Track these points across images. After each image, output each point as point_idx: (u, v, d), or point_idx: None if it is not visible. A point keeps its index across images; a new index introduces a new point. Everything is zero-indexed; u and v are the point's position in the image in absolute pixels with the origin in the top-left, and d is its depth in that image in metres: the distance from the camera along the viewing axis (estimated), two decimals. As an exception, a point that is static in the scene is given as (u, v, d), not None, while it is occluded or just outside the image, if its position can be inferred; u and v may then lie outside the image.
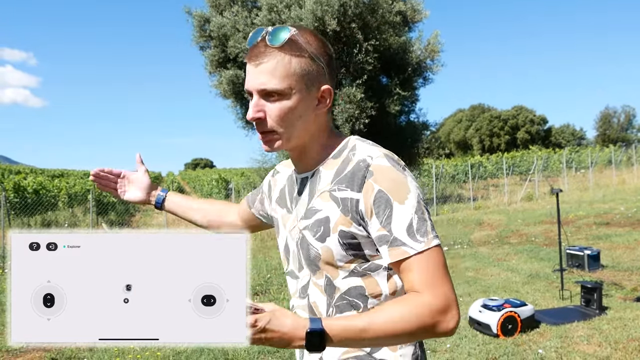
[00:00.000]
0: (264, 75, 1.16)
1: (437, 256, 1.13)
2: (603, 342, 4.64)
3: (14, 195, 17.38)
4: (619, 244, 9.47)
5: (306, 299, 1.29)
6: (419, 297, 1.09)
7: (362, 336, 1.06)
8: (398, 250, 1.12)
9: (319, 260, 1.21)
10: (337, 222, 1.18)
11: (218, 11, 17.93)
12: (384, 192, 1.13)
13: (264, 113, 1.19)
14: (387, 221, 1.13)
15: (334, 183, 1.21)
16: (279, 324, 1.03)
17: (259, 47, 1.17)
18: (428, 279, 1.10)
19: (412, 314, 1.07)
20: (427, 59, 18.62)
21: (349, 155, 1.24)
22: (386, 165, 1.16)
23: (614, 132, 70.32)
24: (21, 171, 41.59)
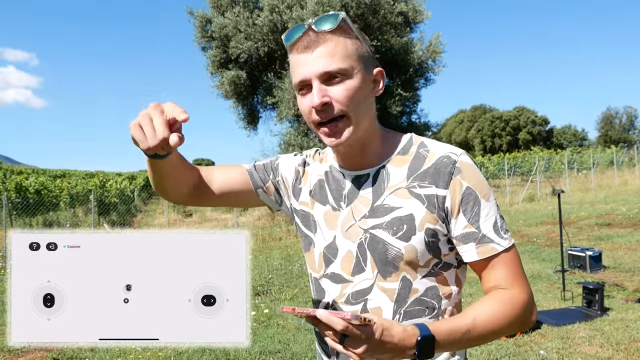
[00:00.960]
0: (324, 58, 1.11)
1: (517, 252, 1.17)
2: (605, 344, 4.62)
3: (15, 195, 17.40)
4: (620, 245, 9.45)
5: (361, 305, 1.21)
6: (510, 293, 1.13)
7: (466, 337, 1.07)
8: (487, 247, 1.13)
9: (400, 261, 1.16)
10: (424, 219, 1.15)
11: (220, 12, 17.95)
12: (472, 190, 1.13)
13: (329, 98, 1.12)
14: (474, 218, 1.13)
15: (412, 180, 1.18)
16: (390, 335, 1.00)
17: (309, 36, 1.13)
18: (515, 275, 1.14)
19: (510, 311, 1.10)
20: (429, 59, 18.61)
21: (420, 151, 1.21)
22: (470, 163, 1.16)
23: (616, 133, 70.23)
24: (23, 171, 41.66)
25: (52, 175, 42.42)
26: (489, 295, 1.15)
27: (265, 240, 13.41)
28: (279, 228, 15.04)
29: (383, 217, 1.18)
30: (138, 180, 33.14)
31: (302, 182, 1.38)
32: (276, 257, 10.34)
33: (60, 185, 21.86)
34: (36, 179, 23.84)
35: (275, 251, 11.39)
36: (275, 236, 13.97)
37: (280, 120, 17.50)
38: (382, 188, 1.21)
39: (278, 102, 16.81)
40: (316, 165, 1.38)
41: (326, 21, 1.13)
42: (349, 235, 1.23)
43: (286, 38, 1.17)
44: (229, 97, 18.30)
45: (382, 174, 1.22)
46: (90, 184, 21.76)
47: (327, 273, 1.27)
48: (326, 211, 1.29)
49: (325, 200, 1.31)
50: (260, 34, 16.67)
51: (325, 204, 1.30)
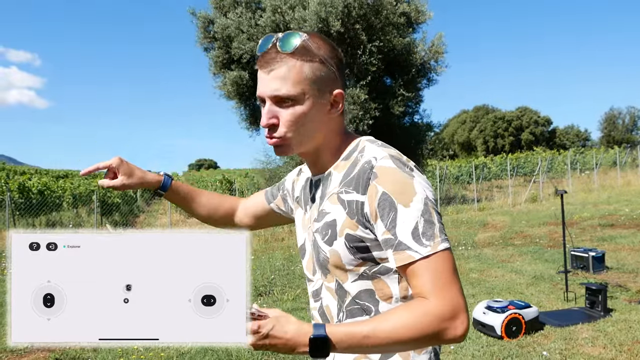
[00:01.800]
0: (276, 81, 1.15)
1: (445, 260, 1.09)
2: (608, 345, 4.61)
3: (18, 195, 17.43)
4: (623, 246, 9.43)
5: (319, 302, 1.29)
6: (425, 303, 1.06)
7: (365, 343, 1.04)
8: (403, 254, 1.09)
9: (328, 264, 1.21)
10: (344, 225, 1.17)
11: (222, 12, 17.96)
12: (388, 195, 1.11)
13: (277, 119, 1.18)
14: (391, 224, 1.10)
15: (342, 185, 1.20)
16: (283, 331, 1.02)
17: (270, 54, 1.17)
18: (435, 284, 1.06)
19: (418, 321, 1.04)
20: (431, 60, 18.60)
21: (357, 156, 1.22)
22: (391, 167, 1.14)
23: (619, 133, 70.08)
24: (26, 172, 41.74)
25: (55, 175, 42.48)
26: (404, 304, 1.12)
27: (267, 240, 13.42)
28: (281, 228, 15.04)
29: (320, 221, 1.24)
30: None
31: (295, 190, 1.48)
32: (278, 258, 10.35)
33: (63, 186, 21.91)
34: (39, 179, 23.90)
35: (277, 251, 11.40)
36: (278, 236, 13.98)
37: (283, 121, 17.49)
38: (324, 193, 1.26)
39: (280, 103, 16.80)
40: (307, 172, 1.42)
41: (287, 42, 1.16)
42: (308, 237, 1.31)
43: (257, 48, 1.22)
44: (232, 97, 18.32)
45: (327, 179, 1.27)
46: (93, 185, 21.79)
47: (304, 272, 1.37)
48: (300, 215, 1.39)
49: (302, 204, 1.40)
50: (263, 35, 16.65)
51: (302, 208, 1.39)
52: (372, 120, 16.18)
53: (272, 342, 1.02)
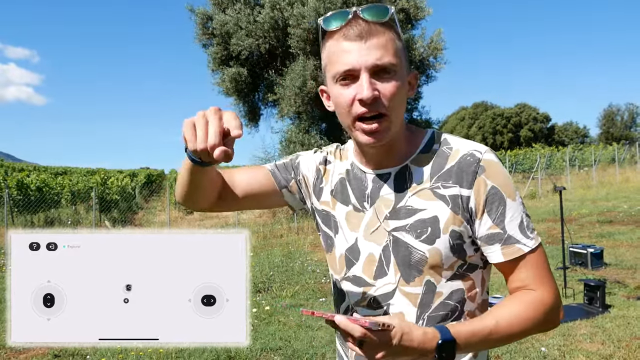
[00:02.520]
0: (376, 50, 1.05)
1: (544, 253, 1.13)
2: (606, 340, 4.62)
3: (17, 192, 17.41)
4: (622, 242, 9.44)
5: (382, 309, 1.19)
6: (536, 294, 1.10)
7: (488, 338, 1.05)
8: (513, 248, 1.10)
9: (424, 265, 1.12)
10: (448, 221, 1.11)
11: (220, 9, 17.93)
12: (498, 189, 1.09)
13: (379, 93, 1.07)
14: (500, 219, 1.09)
15: (435, 180, 1.13)
16: (410, 339, 0.99)
17: (359, 24, 1.06)
18: (541, 276, 1.11)
19: (534, 311, 1.08)
20: (430, 56, 18.58)
21: (442, 149, 1.16)
22: (496, 161, 1.12)
23: (618, 130, 70.09)
24: (24, 169, 41.70)
25: (54, 172, 42.43)
26: (514, 296, 1.13)
27: (266, 237, 13.42)
28: (280, 225, 15.06)
29: (406, 219, 1.14)
30: (139, 178, 33.17)
31: (324, 181, 1.33)
32: (277, 254, 10.35)
33: (61, 183, 21.88)
34: (37, 176, 23.86)
35: (276, 248, 11.40)
36: (277, 233, 13.98)
37: (282, 118, 17.50)
38: (404, 188, 1.16)
39: (279, 99, 16.80)
40: (337, 163, 1.32)
41: (378, 12, 1.07)
42: (373, 237, 1.19)
43: (327, 23, 1.10)
44: (230, 94, 18.29)
45: (404, 173, 1.17)
46: (92, 181, 21.77)
47: (348, 276, 1.24)
48: (348, 212, 1.25)
49: (347, 200, 1.26)
50: (262, 31, 16.64)
51: (348, 204, 1.25)
52: (371, 116, 16.15)
53: (401, 352, 1.00)
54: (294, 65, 16.20)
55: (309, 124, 16.89)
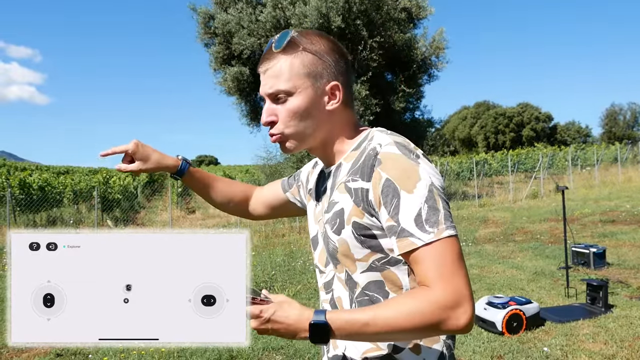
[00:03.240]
0: (270, 79, 1.19)
1: (450, 247, 1.05)
2: (609, 340, 4.61)
3: (19, 191, 17.45)
4: (624, 242, 9.43)
5: (330, 294, 1.27)
6: (428, 291, 1.03)
7: (366, 330, 1.02)
8: (406, 241, 1.06)
9: (337, 253, 1.19)
10: (351, 213, 1.15)
11: (222, 8, 17.93)
12: (392, 181, 1.09)
13: (276, 117, 1.21)
14: (394, 211, 1.08)
15: (349, 174, 1.19)
16: (284, 316, 1.04)
17: (267, 54, 1.21)
18: (438, 272, 1.03)
19: (419, 309, 1.01)
20: (432, 55, 18.57)
21: (365, 145, 1.21)
22: (395, 153, 1.12)
23: (620, 129, 70.03)
24: (27, 168, 41.77)
25: (56, 171, 42.50)
26: (406, 292, 1.13)
27: (268, 236, 13.43)
28: (282, 224, 15.06)
29: (329, 212, 1.23)
30: (141, 177, 33.19)
31: (309, 182, 1.48)
32: (279, 254, 10.35)
33: (63, 182, 21.92)
34: (40, 175, 23.91)
35: (278, 247, 11.41)
36: (279, 232, 13.99)
37: (284, 117, 17.48)
38: (334, 184, 1.26)
39: (281, 99, 16.78)
40: (321, 165, 1.42)
41: (279, 40, 1.20)
42: (320, 228, 1.31)
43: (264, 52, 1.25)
44: (232, 93, 18.30)
45: (337, 170, 1.27)
46: (94, 181, 21.81)
47: (315, 264, 1.35)
48: (312, 207, 1.38)
49: (314, 195, 1.39)
50: (264, 30, 16.64)
51: (313, 199, 1.39)
52: (373, 116, 16.16)
53: (274, 327, 1.03)
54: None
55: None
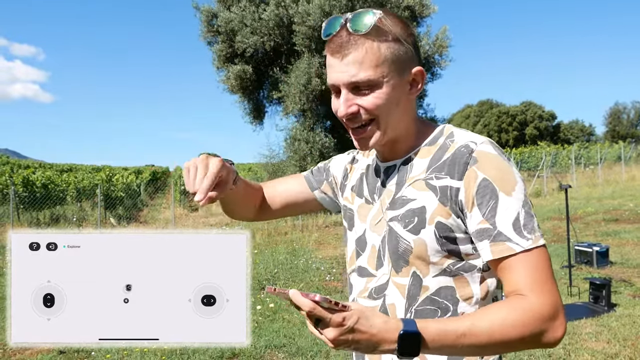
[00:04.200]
0: (351, 67, 1.07)
1: (544, 256, 1.02)
2: (612, 339, 4.60)
3: (22, 189, 17.49)
4: (628, 241, 9.40)
5: (381, 300, 1.17)
6: (526, 301, 0.98)
7: (461, 342, 0.95)
8: (502, 246, 1.02)
9: (410, 254, 1.10)
10: (435, 212, 1.08)
11: (225, 6, 17.93)
12: (490, 181, 1.03)
13: (357, 107, 1.10)
14: (490, 213, 1.03)
15: (431, 171, 1.12)
16: (369, 325, 0.92)
17: (341, 37, 1.08)
18: (535, 281, 1.00)
19: (519, 320, 0.96)
20: (435, 54, 18.53)
21: (446, 142, 1.15)
22: (492, 153, 1.07)
23: (624, 128, 69.80)
24: (30, 165, 41.87)
25: (59, 169, 42.58)
26: (502, 301, 1.05)
27: (270, 234, 13.42)
28: (285, 222, 15.05)
29: (399, 209, 1.14)
30: (144, 175, 33.24)
31: (348, 179, 1.37)
32: (282, 252, 10.35)
33: (67, 180, 21.95)
34: (43, 173, 23.96)
35: (280, 245, 11.41)
36: (281, 230, 13.98)
37: (286, 115, 17.50)
38: (404, 179, 1.17)
39: (284, 97, 16.80)
40: (363, 160, 1.36)
41: (360, 22, 1.07)
42: (376, 228, 1.19)
43: (323, 32, 1.13)
44: (235, 91, 18.30)
45: (407, 165, 1.18)
46: (97, 178, 21.83)
47: (355, 267, 1.24)
48: (360, 204, 1.27)
49: (362, 193, 1.28)
50: (267, 29, 16.64)
51: (362, 197, 1.28)
52: (376, 114, 16.14)
53: (356, 338, 0.92)
54: (299, 62, 16.19)
55: (313, 122, 16.87)
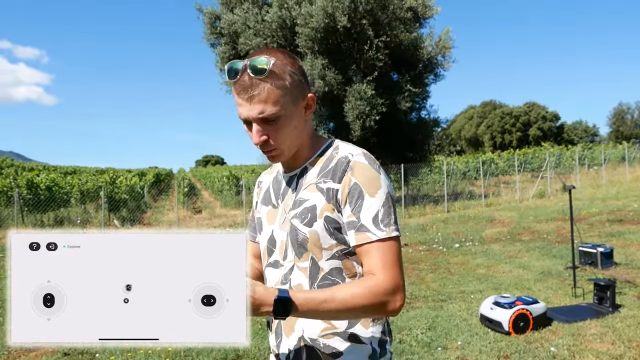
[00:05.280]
0: (259, 105, 1.29)
1: (394, 246, 1.31)
2: (616, 341, 4.59)
3: (27, 191, 17.52)
4: (632, 242, 9.37)
5: (288, 283, 1.40)
6: (374, 278, 1.26)
7: (323, 307, 1.19)
8: (363, 235, 1.30)
9: (307, 243, 1.35)
10: (323, 209, 1.35)
11: (229, 8, 17.96)
12: (358, 185, 1.32)
13: (267, 136, 1.34)
14: (357, 209, 1.31)
15: (320, 177, 1.39)
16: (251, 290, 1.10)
17: (244, 81, 1.29)
18: (384, 264, 1.28)
19: (367, 292, 1.23)
20: (438, 55, 18.53)
21: (332, 153, 1.42)
22: (364, 163, 1.36)
23: (628, 128, 69.64)
24: (34, 168, 41.99)
25: (63, 171, 42.71)
26: (358, 279, 1.35)
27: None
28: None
29: (298, 208, 1.40)
30: (148, 177, 33.31)
31: (259, 196, 1.62)
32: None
33: (70, 182, 22.00)
34: (47, 175, 24.01)
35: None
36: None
37: (289, 117, 17.49)
38: (301, 185, 1.43)
39: (287, 99, 16.79)
40: (267, 177, 1.62)
41: (258, 68, 1.28)
42: (283, 227, 1.44)
43: (227, 73, 1.32)
44: (238, 93, 18.28)
45: (303, 173, 1.45)
46: (101, 181, 21.87)
47: (270, 262, 1.48)
48: (268, 210, 1.52)
49: (268, 201, 1.54)
50: (270, 30, 16.66)
51: (268, 204, 1.53)
52: (379, 115, 16.14)
53: None
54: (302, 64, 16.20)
55: (316, 123, 16.88)
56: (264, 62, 1.28)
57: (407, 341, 4.88)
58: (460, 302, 6.16)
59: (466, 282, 7.25)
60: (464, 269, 8.11)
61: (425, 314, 5.70)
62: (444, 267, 8.41)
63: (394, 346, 4.72)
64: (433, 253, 9.76)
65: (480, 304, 5.47)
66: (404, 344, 4.81)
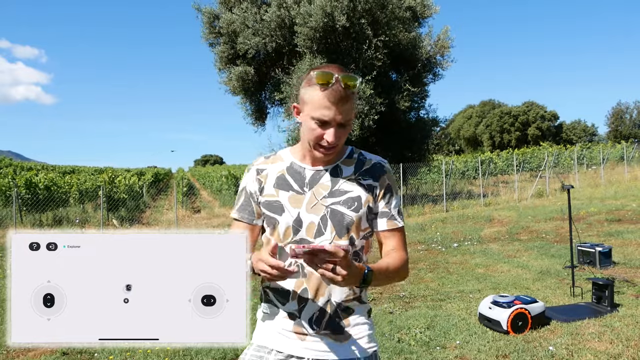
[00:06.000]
0: (345, 113, 1.61)
1: (404, 232, 1.80)
2: (615, 340, 4.59)
3: (25, 191, 17.49)
4: (630, 241, 9.39)
5: None
6: (402, 254, 1.74)
7: (385, 275, 1.63)
8: (392, 222, 1.76)
9: (352, 225, 1.70)
10: (366, 200, 1.73)
11: (227, 8, 17.94)
12: (391, 185, 1.78)
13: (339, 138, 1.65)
14: (389, 203, 1.76)
15: (358, 174, 1.77)
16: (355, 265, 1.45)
17: (339, 90, 1.58)
18: (403, 244, 1.77)
19: (403, 264, 1.72)
20: (437, 54, 18.52)
21: (359, 157, 1.82)
22: (390, 169, 1.82)
23: (626, 128, 69.63)
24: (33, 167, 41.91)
25: (62, 171, 42.65)
26: (392, 254, 1.73)
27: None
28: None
29: (340, 197, 1.72)
30: (147, 176, 33.27)
31: (264, 182, 1.81)
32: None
33: (69, 181, 21.97)
34: (46, 175, 23.96)
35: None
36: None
37: (288, 116, 17.49)
38: (337, 177, 1.76)
39: (286, 98, 16.79)
40: (271, 167, 1.83)
41: (353, 82, 1.59)
42: (313, 210, 1.71)
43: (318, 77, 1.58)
44: (237, 93, 18.31)
45: (336, 169, 1.78)
46: (99, 180, 21.85)
47: (295, 239, 1.71)
48: (289, 195, 1.75)
49: (289, 187, 1.77)
50: (268, 30, 16.64)
51: (289, 190, 1.76)
52: (378, 115, 16.12)
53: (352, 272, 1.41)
54: (301, 63, 16.19)
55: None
56: (356, 81, 1.60)
57: (405, 340, 4.88)
58: (459, 302, 6.17)
59: (465, 281, 7.26)
60: (463, 269, 8.12)
61: (424, 314, 5.70)
62: (443, 266, 8.41)
63: (393, 345, 4.73)
64: (432, 252, 9.77)
65: (478, 303, 5.48)
66: (402, 343, 4.81)
